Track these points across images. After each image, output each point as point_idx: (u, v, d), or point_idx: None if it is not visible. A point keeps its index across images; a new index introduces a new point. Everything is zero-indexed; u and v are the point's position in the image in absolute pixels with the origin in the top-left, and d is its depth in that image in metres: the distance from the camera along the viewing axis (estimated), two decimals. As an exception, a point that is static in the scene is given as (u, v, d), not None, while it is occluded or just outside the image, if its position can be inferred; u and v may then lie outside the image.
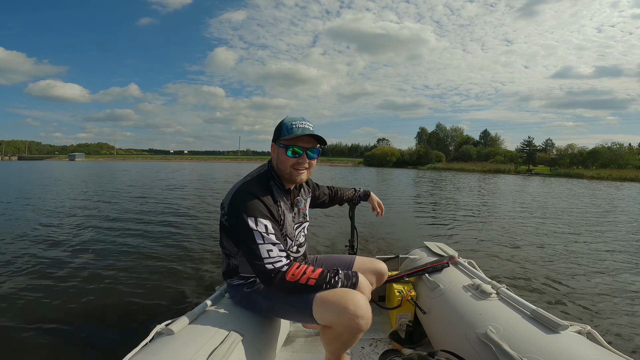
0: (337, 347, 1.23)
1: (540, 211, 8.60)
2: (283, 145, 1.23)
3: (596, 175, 35.94)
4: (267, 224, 1.15)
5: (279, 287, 1.14)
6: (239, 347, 1.07)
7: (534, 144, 57.22)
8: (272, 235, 1.14)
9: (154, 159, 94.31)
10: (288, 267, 1.13)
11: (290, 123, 1.23)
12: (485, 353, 1.10)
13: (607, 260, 4.13)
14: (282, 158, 1.24)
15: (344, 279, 1.19)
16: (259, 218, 1.14)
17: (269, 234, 1.13)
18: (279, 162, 1.25)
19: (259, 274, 1.14)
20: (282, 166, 1.25)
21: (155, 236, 4.70)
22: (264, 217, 1.15)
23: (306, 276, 1.14)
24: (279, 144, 1.24)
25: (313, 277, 1.14)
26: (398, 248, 4.32)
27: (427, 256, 1.99)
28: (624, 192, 16.68)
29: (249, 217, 1.13)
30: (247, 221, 1.12)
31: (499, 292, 1.39)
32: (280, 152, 1.25)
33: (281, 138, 1.23)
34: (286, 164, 1.24)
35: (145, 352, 0.95)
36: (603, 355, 0.95)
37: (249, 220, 1.12)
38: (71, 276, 3.10)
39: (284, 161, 1.24)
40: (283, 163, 1.24)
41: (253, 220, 1.13)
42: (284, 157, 1.23)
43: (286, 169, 1.24)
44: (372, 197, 1.87)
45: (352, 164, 69.98)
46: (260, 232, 1.12)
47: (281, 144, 1.23)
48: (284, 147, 1.23)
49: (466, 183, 20.57)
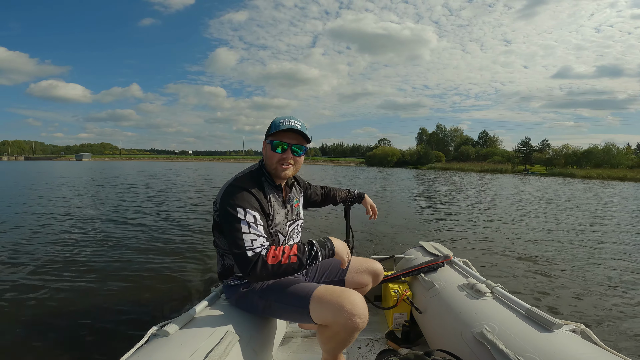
0: (334, 347, 1.24)
1: (533, 210, 8.65)
2: (270, 141, 1.27)
3: (586, 174, 37.65)
4: (256, 215, 1.16)
5: (263, 273, 1.09)
6: (235, 348, 1.07)
7: (530, 144, 58.27)
8: (259, 227, 1.15)
9: (159, 159, 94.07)
10: (267, 251, 1.12)
11: (279, 121, 1.27)
12: (481, 352, 1.11)
13: (601, 259, 4.15)
14: (269, 153, 1.28)
15: (321, 248, 1.17)
16: (248, 209, 1.15)
17: (256, 224, 1.15)
18: (267, 157, 1.30)
19: (241, 264, 1.11)
20: (269, 161, 1.29)
21: (151, 237, 4.67)
22: (253, 208, 1.17)
23: (287, 254, 1.12)
24: (267, 140, 1.29)
25: (293, 254, 1.12)
26: (394, 248, 4.33)
27: (423, 256, 2.00)
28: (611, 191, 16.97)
29: (238, 208, 1.14)
30: (236, 211, 1.14)
31: (493, 291, 1.40)
32: (267, 148, 1.29)
33: (269, 134, 1.27)
34: (272, 159, 1.27)
35: (141, 354, 0.95)
36: (597, 353, 0.96)
37: (238, 210, 1.14)
38: (64, 277, 3.07)
39: (271, 156, 1.28)
40: (270, 158, 1.28)
41: (242, 211, 1.14)
42: (271, 153, 1.27)
43: (272, 164, 1.28)
44: (366, 200, 1.87)
45: (354, 164, 70.62)
46: (248, 221, 1.13)
47: (269, 140, 1.27)
48: (270, 142, 1.27)
49: (464, 182, 20.67)
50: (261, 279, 1.13)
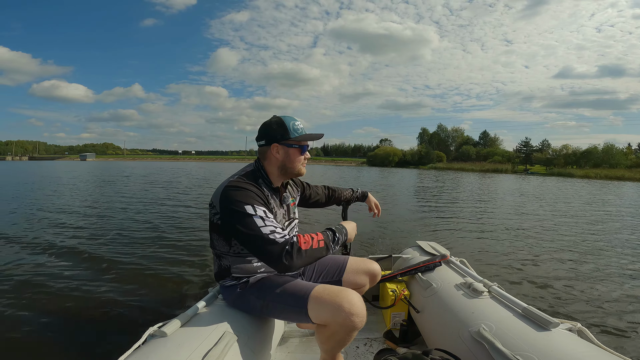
0: (332, 346, 1.24)
1: (531, 210, 8.64)
2: (297, 146, 1.29)
3: (585, 174, 38.38)
4: (265, 210, 1.16)
5: (298, 258, 1.09)
6: (233, 349, 1.07)
7: (530, 144, 58.61)
8: (272, 218, 1.15)
9: (163, 159, 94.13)
10: (297, 237, 1.13)
11: (291, 124, 1.28)
12: (479, 351, 1.11)
13: (597, 258, 4.15)
14: (293, 157, 1.30)
15: (339, 236, 1.27)
16: (256, 205, 1.14)
17: (268, 217, 1.14)
18: (289, 161, 1.30)
19: (272, 257, 1.08)
20: (293, 165, 1.31)
21: (147, 238, 4.65)
22: (260, 204, 1.16)
23: (316, 239, 1.16)
24: (288, 145, 1.28)
25: (320, 239, 1.18)
26: (391, 248, 4.33)
27: (420, 255, 2.00)
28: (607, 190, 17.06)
29: (246, 205, 1.13)
30: (245, 209, 1.12)
31: (490, 290, 1.40)
32: (291, 152, 1.30)
33: (291, 139, 1.27)
34: (298, 162, 1.32)
35: (138, 355, 0.94)
36: (594, 352, 0.96)
37: (247, 208, 1.12)
38: (61, 277, 3.06)
39: (297, 160, 1.31)
40: (294, 162, 1.31)
41: (251, 208, 1.13)
42: (297, 156, 1.31)
43: (297, 166, 1.32)
44: (370, 198, 1.89)
45: (356, 164, 70.84)
46: (261, 216, 1.12)
47: (293, 144, 1.29)
48: (298, 147, 1.30)
49: (464, 182, 20.67)
50: (295, 266, 1.09)
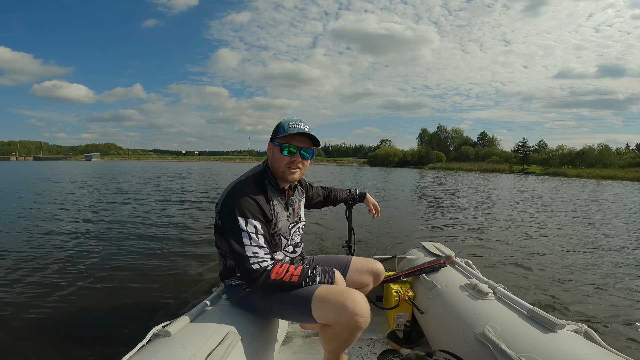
0: (336, 346, 1.23)
1: (534, 210, 8.63)
2: (278, 144, 1.25)
3: (577, 174, 39.51)
4: (257, 225, 1.17)
5: (264, 285, 1.16)
6: (237, 348, 1.06)
7: (528, 145, 59.62)
8: (260, 237, 1.17)
9: (166, 159, 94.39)
10: (272, 267, 1.17)
11: (287, 123, 1.25)
12: (483, 352, 1.10)
13: (603, 259, 4.14)
14: (276, 156, 1.27)
15: (322, 274, 1.26)
16: (250, 219, 1.16)
17: (257, 235, 1.16)
18: (274, 160, 1.28)
19: (244, 273, 1.17)
20: (277, 164, 1.27)
21: (153, 237, 4.67)
22: (254, 217, 1.17)
23: (289, 274, 1.19)
24: (274, 143, 1.27)
25: (295, 274, 1.20)
26: (395, 248, 4.32)
27: (424, 256, 1.99)
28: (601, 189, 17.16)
29: (239, 217, 1.15)
30: (238, 221, 1.15)
31: (495, 291, 1.39)
32: (275, 151, 1.27)
33: (277, 137, 1.25)
34: (280, 162, 1.26)
35: (143, 354, 0.94)
36: (600, 354, 0.96)
37: (240, 220, 1.15)
38: (67, 276, 3.07)
39: (279, 159, 1.26)
40: (277, 161, 1.27)
41: (243, 220, 1.15)
42: (279, 156, 1.26)
43: (280, 167, 1.27)
44: (368, 199, 1.87)
45: (357, 164, 71.61)
46: (249, 232, 1.15)
47: (277, 142, 1.26)
48: (279, 145, 1.25)
49: (464, 182, 20.69)
50: (260, 289, 1.21)
